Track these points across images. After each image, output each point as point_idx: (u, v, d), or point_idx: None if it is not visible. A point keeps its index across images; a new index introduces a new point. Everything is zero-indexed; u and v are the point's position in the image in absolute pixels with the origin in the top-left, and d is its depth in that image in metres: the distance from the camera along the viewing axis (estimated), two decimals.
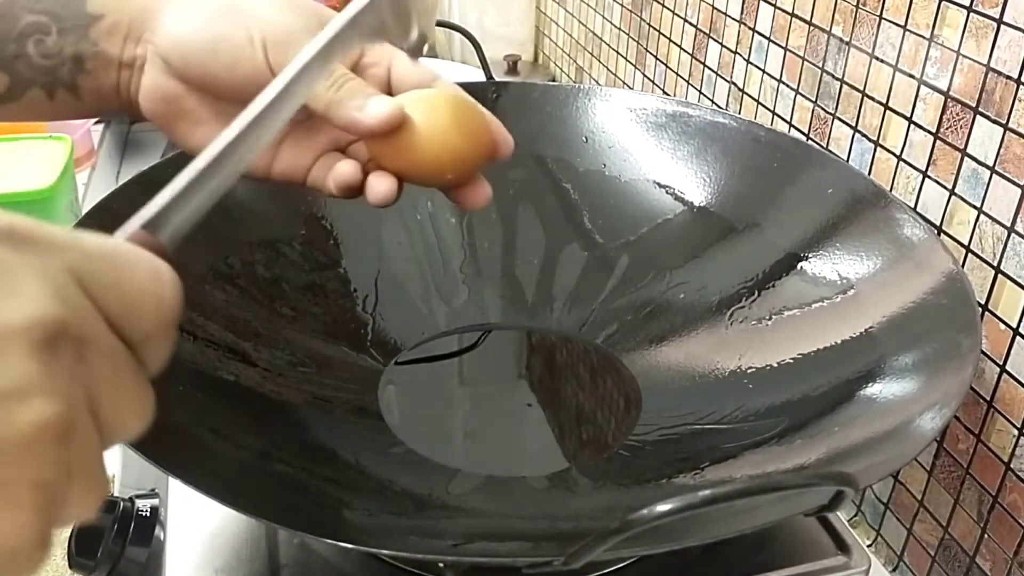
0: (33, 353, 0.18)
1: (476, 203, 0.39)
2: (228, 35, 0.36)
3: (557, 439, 0.52)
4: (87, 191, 0.87)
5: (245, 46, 0.36)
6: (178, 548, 0.46)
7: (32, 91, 0.38)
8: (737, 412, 0.50)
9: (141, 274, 0.22)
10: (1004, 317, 0.50)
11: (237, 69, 0.37)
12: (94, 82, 0.39)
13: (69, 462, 0.19)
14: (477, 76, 0.69)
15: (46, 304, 0.19)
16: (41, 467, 0.18)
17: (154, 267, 0.22)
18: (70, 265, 0.20)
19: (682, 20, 0.85)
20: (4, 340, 0.18)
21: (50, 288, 0.19)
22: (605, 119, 0.64)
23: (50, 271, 0.19)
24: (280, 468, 0.43)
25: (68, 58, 0.38)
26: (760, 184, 0.59)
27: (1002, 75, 0.48)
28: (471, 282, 0.62)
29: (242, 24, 0.36)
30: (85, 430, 0.20)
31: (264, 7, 0.37)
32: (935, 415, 0.39)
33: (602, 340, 0.58)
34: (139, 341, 0.22)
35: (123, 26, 0.38)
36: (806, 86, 0.66)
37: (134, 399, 0.22)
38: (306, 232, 0.58)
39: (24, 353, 0.18)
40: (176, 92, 0.38)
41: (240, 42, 0.36)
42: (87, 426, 0.20)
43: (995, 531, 0.51)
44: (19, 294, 0.18)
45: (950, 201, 0.53)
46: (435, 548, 0.40)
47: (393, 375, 0.55)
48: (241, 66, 0.36)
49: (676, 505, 0.29)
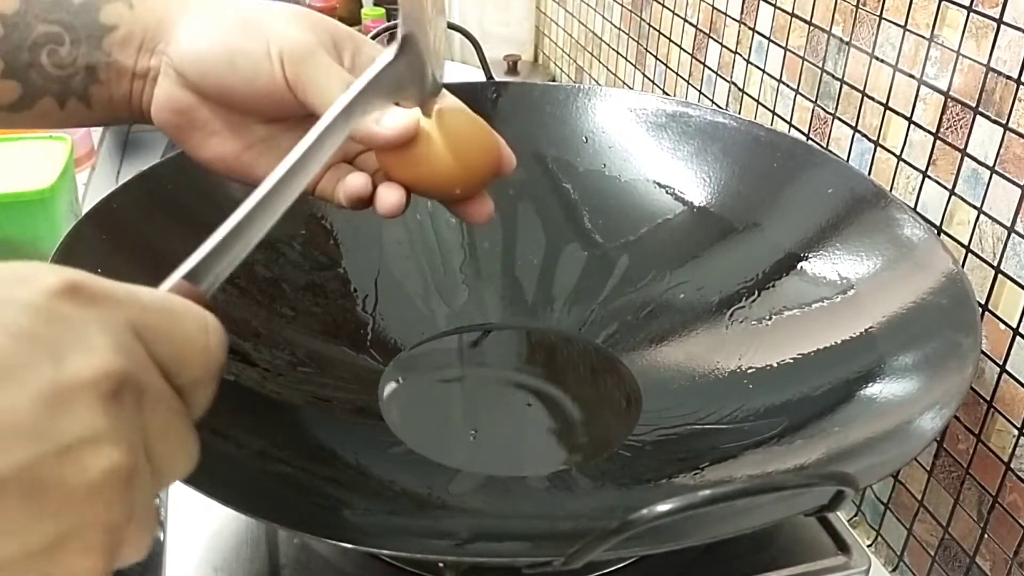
0: (102, 404, 0.20)
1: (480, 217, 0.40)
2: (247, 48, 0.37)
3: (557, 439, 0.52)
4: (87, 191, 0.87)
5: (263, 59, 0.37)
6: (178, 548, 0.46)
7: (44, 100, 0.38)
8: (737, 412, 0.50)
9: (190, 325, 0.24)
10: (1004, 317, 0.50)
11: (255, 82, 0.37)
12: (106, 92, 0.39)
13: (131, 505, 0.20)
14: (477, 76, 0.69)
15: (112, 357, 0.20)
16: (110, 511, 0.20)
17: (202, 318, 0.24)
18: (129, 318, 0.22)
19: (682, 20, 0.85)
20: (77, 392, 0.19)
21: (114, 342, 0.20)
22: (605, 119, 0.64)
23: (113, 325, 0.21)
24: (280, 468, 0.43)
25: (81, 68, 0.38)
26: (760, 184, 0.59)
27: (1002, 75, 0.48)
28: (471, 282, 0.62)
29: (260, 38, 0.37)
30: (144, 474, 0.21)
31: (279, 22, 0.37)
32: (935, 415, 0.39)
33: (602, 340, 0.58)
34: (186, 387, 0.23)
35: (137, 37, 0.38)
36: (806, 86, 0.66)
37: (184, 442, 0.23)
38: (306, 232, 0.58)
39: (94, 404, 0.19)
40: (189, 103, 0.38)
41: (259, 55, 0.37)
42: (145, 470, 0.21)
43: (995, 531, 0.51)
44: (88, 348, 0.20)
45: (950, 201, 0.53)
46: (435, 548, 0.41)
47: (393, 375, 0.55)
48: (259, 79, 0.37)
49: (676, 505, 0.29)
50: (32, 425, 0.19)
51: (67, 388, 0.19)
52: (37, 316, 0.20)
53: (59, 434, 0.19)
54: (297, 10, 0.39)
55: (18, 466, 0.18)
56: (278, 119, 0.39)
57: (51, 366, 0.19)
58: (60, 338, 0.20)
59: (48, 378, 0.19)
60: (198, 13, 0.38)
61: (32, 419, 0.19)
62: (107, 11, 0.38)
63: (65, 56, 0.37)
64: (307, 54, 0.37)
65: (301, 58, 0.37)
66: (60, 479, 0.19)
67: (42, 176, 0.73)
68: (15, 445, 0.18)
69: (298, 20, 0.38)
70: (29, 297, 0.20)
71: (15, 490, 0.18)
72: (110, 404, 0.20)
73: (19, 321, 0.19)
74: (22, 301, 0.20)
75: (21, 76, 0.37)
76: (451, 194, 0.39)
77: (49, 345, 0.19)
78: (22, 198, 0.71)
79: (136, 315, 0.22)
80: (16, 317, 0.19)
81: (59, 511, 0.19)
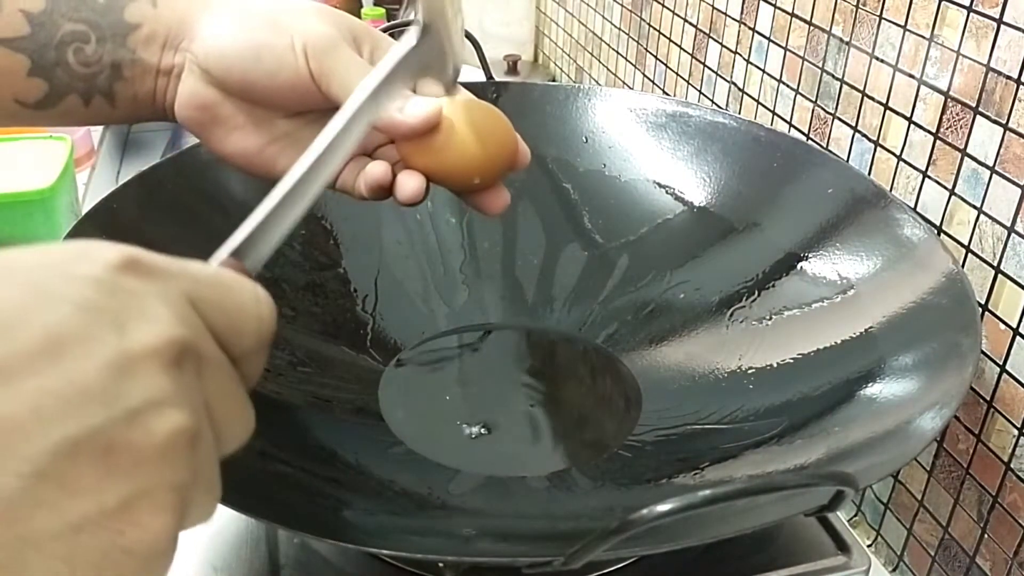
0: (165, 370, 0.21)
1: (496, 208, 0.40)
2: (271, 43, 0.37)
3: (557, 439, 0.52)
4: (87, 191, 0.87)
5: (287, 53, 0.37)
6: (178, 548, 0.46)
7: (69, 98, 0.39)
8: (737, 412, 0.50)
9: (243, 296, 0.25)
10: (1004, 317, 0.50)
11: (279, 76, 0.37)
12: (130, 90, 0.39)
13: (196, 466, 0.21)
14: (477, 76, 0.69)
15: (172, 326, 0.21)
16: (176, 471, 0.21)
17: (253, 290, 0.25)
18: (185, 290, 0.22)
19: (682, 20, 0.85)
20: (141, 360, 0.20)
21: (174, 312, 0.22)
22: (605, 119, 0.64)
23: (171, 296, 0.22)
24: (280, 468, 0.43)
25: (106, 66, 0.38)
26: (760, 184, 0.59)
27: (1002, 75, 0.48)
28: (471, 282, 0.62)
29: (284, 32, 0.37)
30: (207, 437, 0.22)
31: (301, 17, 0.38)
32: (935, 415, 0.39)
33: (602, 340, 0.58)
34: (240, 357, 0.24)
35: (161, 34, 0.39)
36: (806, 86, 0.66)
37: (241, 409, 0.24)
38: (306, 232, 0.58)
39: (158, 370, 0.20)
40: (213, 99, 0.39)
41: (283, 49, 0.37)
42: (208, 434, 0.22)
43: (995, 531, 0.51)
44: (149, 319, 0.21)
45: (950, 201, 0.53)
46: (435, 548, 0.41)
47: (393, 375, 0.55)
48: (283, 73, 0.37)
49: (676, 505, 0.29)
50: (101, 391, 0.19)
51: (132, 356, 0.20)
52: (100, 289, 0.20)
53: (126, 399, 0.20)
54: (317, 6, 0.39)
55: (90, 430, 0.19)
56: (301, 113, 0.40)
57: (116, 336, 0.20)
58: (123, 309, 0.20)
59: (113, 347, 0.20)
60: (220, 11, 0.39)
61: (101, 386, 0.19)
62: (131, 9, 0.38)
63: (91, 54, 0.38)
64: (330, 47, 0.37)
65: (324, 51, 0.37)
66: (129, 441, 0.20)
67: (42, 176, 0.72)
68: (86, 410, 0.19)
69: (320, 15, 0.39)
70: (91, 271, 0.21)
71: (88, 452, 0.19)
72: (172, 370, 0.21)
73: (84, 294, 0.20)
74: (85, 275, 0.20)
75: (47, 74, 0.38)
76: (470, 183, 0.39)
77: (113, 316, 0.20)
78: (22, 198, 0.71)
79: (191, 287, 0.23)
80: (80, 290, 0.20)
81: (129, 471, 0.20)
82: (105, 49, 0.38)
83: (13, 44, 0.37)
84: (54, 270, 0.20)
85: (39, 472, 0.19)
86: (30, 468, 0.18)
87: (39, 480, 0.19)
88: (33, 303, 0.20)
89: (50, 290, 0.20)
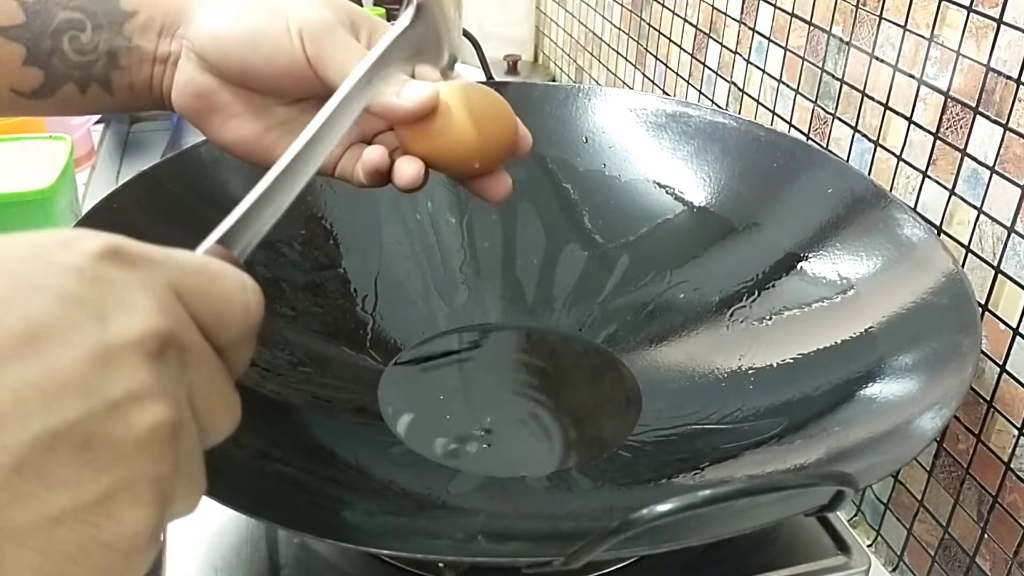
0: (146, 362, 0.20)
1: (498, 195, 0.40)
2: (267, 27, 0.37)
3: (557, 439, 0.52)
4: (87, 191, 0.88)
5: (284, 38, 0.37)
6: (178, 548, 0.46)
7: (66, 87, 0.39)
8: (737, 412, 0.50)
9: (229, 285, 0.24)
10: (1004, 317, 0.50)
11: (276, 61, 0.37)
12: (127, 78, 0.39)
13: (178, 460, 0.21)
14: (477, 76, 0.69)
15: (155, 317, 0.21)
16: (157, 464, 0.20)
17: (240, 279, 0.24)
18: (169, 280, 0.22)
19: (682, 20, 0.85)
20: (122, 351, 0.20)
21: (156, 302, 0.21)
22: (605, 119, 0.64)
23: (154, 286, 0.21)
24: (280, 468, 0.43)
25: (102, 54, 0.38)
26: (760, 184, 0.59)
27: (1002, 75, 0.48)
28: (471, 282, 0.62)
29: (280, 17, 0.37)
30: (190, 430, 0.22)
31: (298, 2, 0.38)
32: (935, 415, 0.39)
33: (602, 340, 0.58)
34: (226, 347, 0.24)
35: (157, 22, 0.39)
36: (806, 86, 0.66)
37: (226, 400, 0.24)
38: (306, 232, 0.58)
39: (139, 362, 0.20)
40: (210, 87, 0.39)
41: (279, 34, 0.37)
42: (191, 426, 0.22)
43: (995, 531, 0.51)
44: (132, 309, 0.20)
45: (950, 201, 0.53)
46: (435, 548, 0.40)
47: (393, 375, 0.55)
48: (280, 58, 0.37)
49: (676, 505, 0.29)
50: (81, 383, 0.19)
51: (113, 347, 0.20)
52: (81, 278, 0.20)
53: (106, 391, 0.19)
54: None
55: (69, 422, 0.19)
56: (298, 100, 0.40)
57: (96, 326, 0.20)
58: (104, 299, 0.20)
59: (94, 338, 0.20)
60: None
61: (80, 377, 0.19)
62: None
63: (87, 42, 0.38)
64: (327, 31, 0.37)
65: (321, 35, 0.37)
66: (108, 434, 0.19)
67: (42, 176, 0.72)
68: (65, 402, 0.19)
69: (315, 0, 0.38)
70: (72, 260, 0.20)
71: (67, 445, 0.19)
72: (154, 362, 0.20)
73: (64, 283, 0.20)
74: (66, 264, 0.20)
75: (43, 63, 0.38)
76: (470, 168, 0.39)
77: (94, 306, 0.20)
78: (22, 198, 0.71)
79: (176, 276, 0.22)
80: (61, 280, 0.20)
81: (108, 464, 0.20)
82: (101, 37, 0.38)
83: (8, 33, 0.37)
84: (35, 259, 0.20)
85: (17, 464, 0.18)
86: (8, 459, 0.18)
87: (17, 472, 0.18)
88: (12, 293, 0.19)
89: (30, 279, 0.20)
